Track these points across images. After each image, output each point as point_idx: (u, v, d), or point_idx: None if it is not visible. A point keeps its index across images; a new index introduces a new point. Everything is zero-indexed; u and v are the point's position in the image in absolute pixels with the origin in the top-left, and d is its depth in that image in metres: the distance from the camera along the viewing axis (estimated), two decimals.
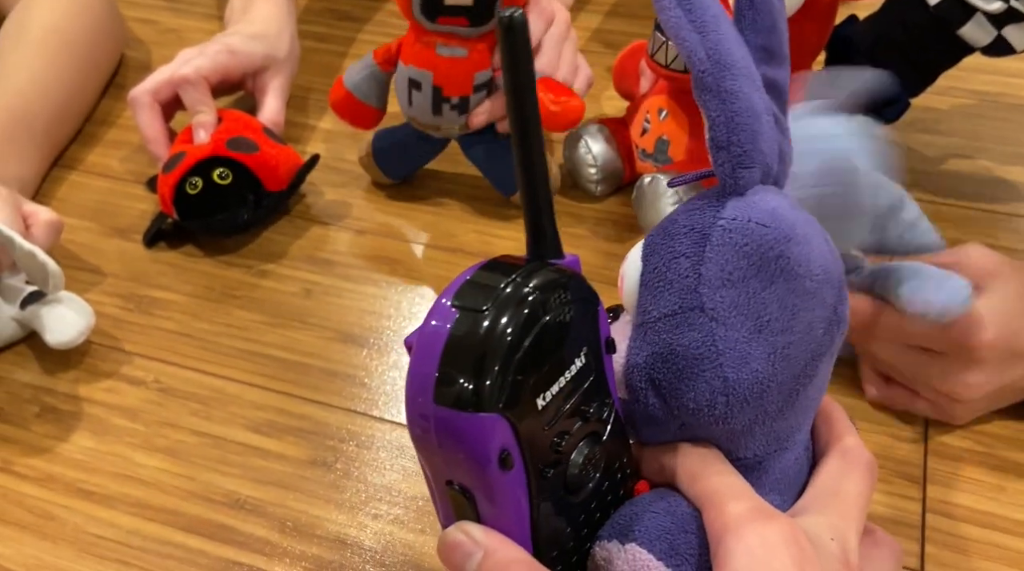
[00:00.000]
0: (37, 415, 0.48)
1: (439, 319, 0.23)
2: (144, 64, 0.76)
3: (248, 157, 0.57)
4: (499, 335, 0.22)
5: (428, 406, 0.23)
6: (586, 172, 0.61)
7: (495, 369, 0.22)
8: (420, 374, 0.23)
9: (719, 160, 0.26)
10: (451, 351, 0.23)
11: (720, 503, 0.26)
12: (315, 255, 0.58)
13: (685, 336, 0.26)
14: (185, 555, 0.42)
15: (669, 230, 0.27)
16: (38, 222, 0.53)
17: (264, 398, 0.49)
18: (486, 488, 0.23)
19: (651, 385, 0.27)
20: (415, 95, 0.56)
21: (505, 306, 0.23)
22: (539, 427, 0.24)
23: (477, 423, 0.22)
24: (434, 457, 0.24)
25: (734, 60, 0.25)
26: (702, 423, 0.27)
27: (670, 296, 0.26)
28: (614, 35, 0.79)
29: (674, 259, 0.26)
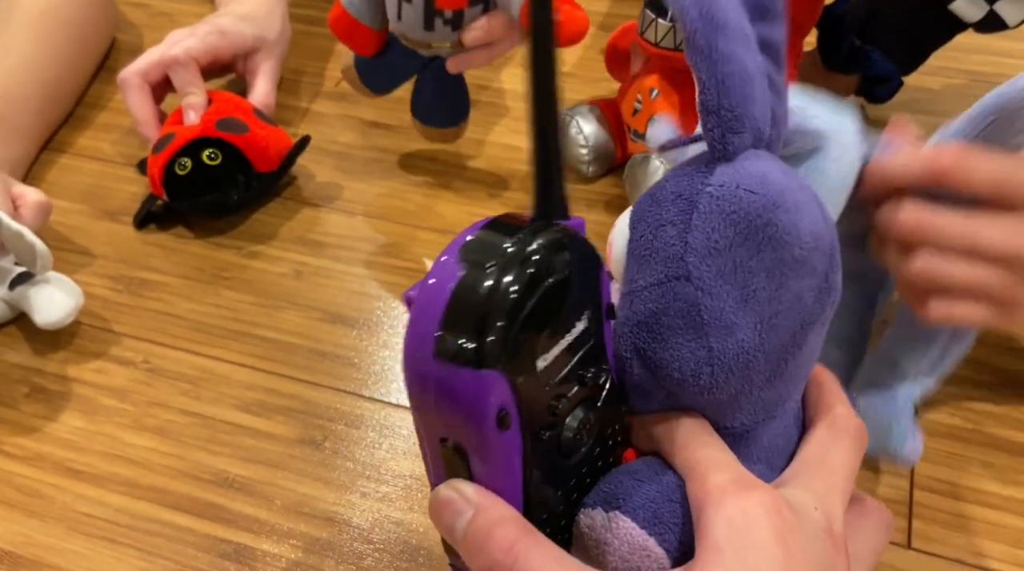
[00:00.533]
0: (26, 395, 0.48)
1: (442, 275, 0.23)
2: (136, 47, 0.76)
3: (238, 138, 0.56)
4: (503, 293, 0.22)
5: (427, 361, 0.22)
6: (577, 153, 0.60)
7: (498, 326, 0.22)
8: (420, 329, 0.23)
9: (708, 124, 0.25)
10: (453, 307, 0.22)
11: (703, 473, 0.25)
12: (305, 236, 0.58)
13: (670, 306, 0.26)
14: (174, 533, 0.42)
15: (656, 197, 0.27)
16: (26, 203, 0.53)
17: (253, 378, 0.49)
18: (481, 447, 0.23)
19: (636, 354, 0.27)
20: (405, 8, 0.53)
21: (510, 264, 0.22)
22: (538, 388, 0.24)
23: (477, 380, 0.22)
24: (429, 414, 0.23)
25: (727, 19, 0.25)
26: (687, 393, 0.26)
27: (656, 265, 0.26)
28: (607, 17, 0.79)
29: (661, 227, 0.26)
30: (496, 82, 0.71)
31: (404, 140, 0.64)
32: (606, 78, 0.71)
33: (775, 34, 0.28)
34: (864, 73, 0.60)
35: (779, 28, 0.28)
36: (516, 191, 0.61)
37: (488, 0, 0.54)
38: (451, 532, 0.24)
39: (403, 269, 0.56)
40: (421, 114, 0.61)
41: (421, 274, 0.54)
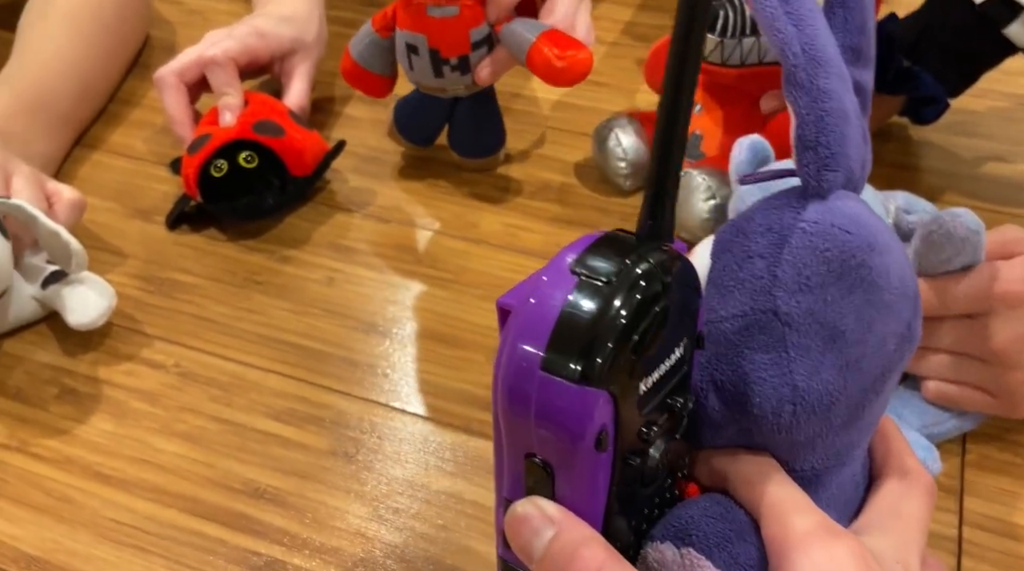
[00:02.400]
0: (56, 396, 0.48)
1: (558, 283, 0.22)
2: (169, 44, 0.76)
3: (274, 141, 0.56)
4: (618, 311, 0.22)
5: (532, 373, 0.22)
6: (615, 166, 0.60)
7: (610, 345, 0.21)
8: (528, 336, 0.22)
9: (805, 160, 0.25)
10: (567, 319, 0.22)
11: (783, 515, 0.25)
12: (338, 242, 0.57)
13: (755, 339, 0.25)
14: (203, 543, 0.41)
15: (744, 228, 0.26)
16: (61, 201, 0.53)
17: (285, 386, 0.48)
18: (572, 466, 0.23)
19: (713, 386, 0.26)
20: (414, 59, 0.55)
21: (628, 282, 0.22)
22: (635, 413, 0.23)
23: (584, 396, 0.21)
24: (523, 426, 0.23)
25: (828, 57, 0.24)
26: (764, 430, 0.26)
27: (741, 296, 0.25)
28: (645, 28, 0.78)
29: (748, 258, 0.25)
30: (528, 90, 0.71)
31: (438, 148, 0.63)
32: (642, 89, 0.70)
33: (865, 78, 0.28)
34: (911, 94, 0.59)
35: (869, 73, 0.28)
36: (551, 202, 0.60)
37: (491, 40, 0.56)
38: (528, 550, 0.24)
39: (437, 279, 0.55)
40: (458, 146, 0.62)
41: (455, 285, 0.54)
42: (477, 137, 0.61)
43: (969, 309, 0.41)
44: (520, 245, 0.57)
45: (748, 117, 0.56)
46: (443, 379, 0.49)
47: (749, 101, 0.56)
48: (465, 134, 0.61)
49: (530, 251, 0.57)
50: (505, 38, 0.55)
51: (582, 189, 0.62)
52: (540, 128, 0.67)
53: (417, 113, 0.61)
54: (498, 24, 0.55)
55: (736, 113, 0.56)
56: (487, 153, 0.62)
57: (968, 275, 0.41)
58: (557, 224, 0.59)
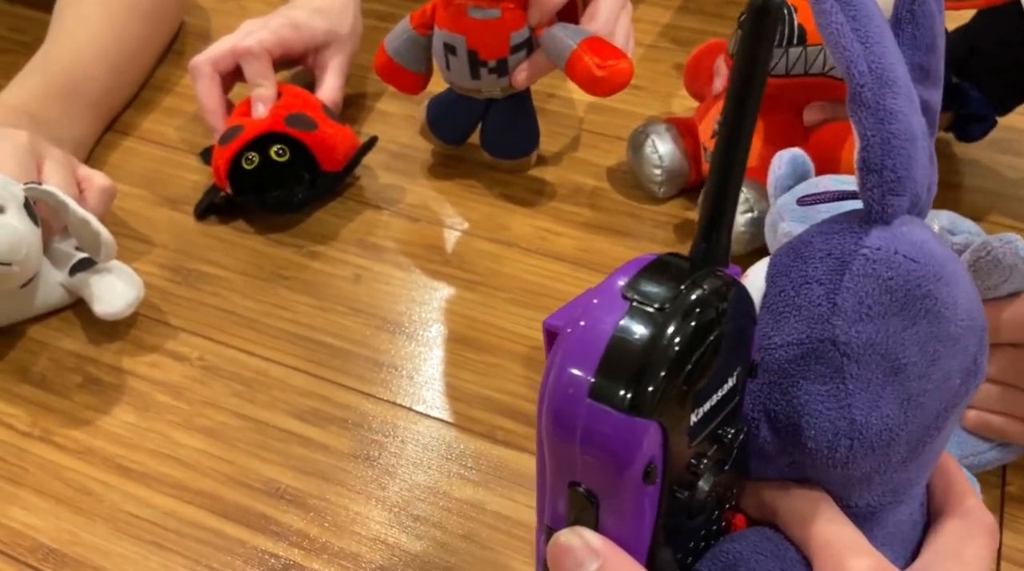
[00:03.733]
0: (79, 385, 0.48)
1: (609, 308, 0.21)
2: (204, 31, 0.75)
3: (306, 135, 0.55)
4: (672, 339, 0.21)
5: (579, 400, 0.21)
6: (650, 172, 0.58)
7: (661, 376, 0.21)
8: (576, 362, 0.21)
9: (869, 183, 0.24)
10: (618, 345, 0.21)
11: (838, 556, 0.24)
12: (366, 239, 0.57)
13: (811, 369, 0.24)
14: (222, 543, 0.41)
15: (801, 252, 0.25)
16: (92, 187, 0.52)
17: (308, 384, 0.48)
18: (618, 497, 0.22)
19: (765, 416, 0.25)
20: (451, 60, 0.55)
21: (682, 309, 0.21)
22: (684, 444, 0.22)
23: (632, 427, 0.21)
24: (568, 454, 0.22)
25: (896, 77, 0.23)
26: (818, 464, 0.25)
27: (797, 323, 0.24)
28: (684, 32, 0.77)
29: (806, 284, 0.24)
30: (563, 91, 0.70)
31: (470, 147, 0.63)
32: (679, 94, 0.68)
33: (934, 98, 0.26)
34: (959, 111, 0.58)
35: (937, 93, 0.27)
36: (582, 206, 0.59)
37: (530, 44, 0.55)
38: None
39: (465, 281, 0.54)
40: (491, 147, 0.61)
41: (483, 288, 0.53)
42: (510, 138, 0.61)
43: (1015, 338, 0.40)
44: (551, 249, 0.56)
45: (790, 129, 0.54)
46: (469, 384, 0.48)
47: (791, 112, 0.54)
48: (498, 135, 0.60)
49: (560, 256, 0.56)
50: (545, 43, 0.54)
51: (615, 194, 0.60)
52: (574, 130, 0.66)
53: (450, 112, 0.60)
54: (539, 28, 0.54)
55: (777, 124, 0.55)
56: (520, 154, 0.61)
57: (1015, 302, 0.40)
58: (588, 229, 0.58)
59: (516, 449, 0.45)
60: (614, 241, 0.57)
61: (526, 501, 0.42)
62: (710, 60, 0.60)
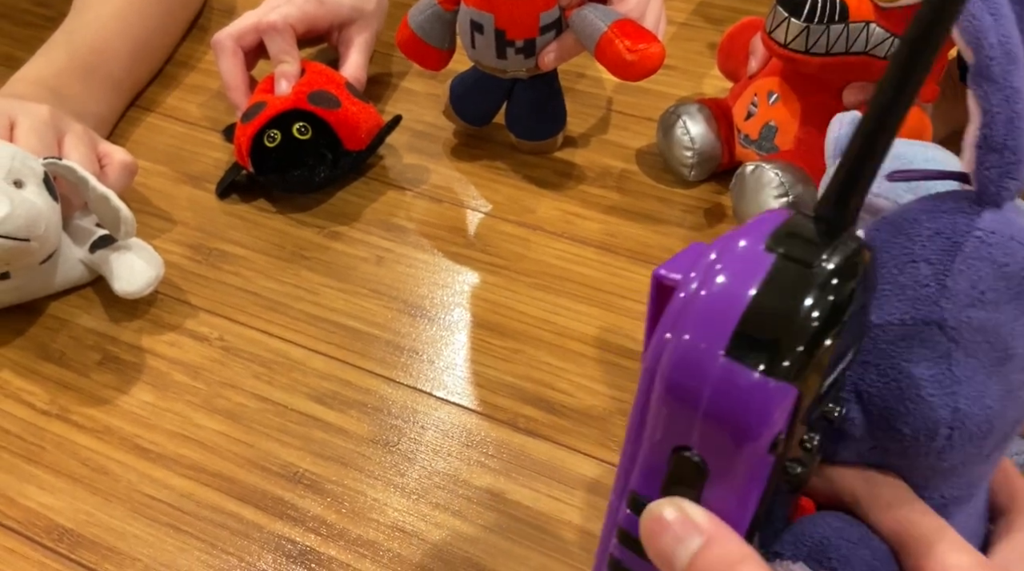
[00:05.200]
0: (99, 363, 0.47)
1: (747, 260, 0.19)
2: (228, 6, 0.74)
3: (329, 113, 0.54)
4: (822, 301, 0.19)
5: (713, 356, 0.19)
6: (681, 155, 0.57)
7: (809, 337, 0.19)
8: (711, 316, 0.19)
9: (987, 163, 0.22)
10: (764, 301, 0.19)
11: (935, 550, 0.22)
12: (389, 221, 0.56)
13: (913, 351, 0.23)
14: (238, 526, 0.40)
15: (905, 229, 0.23)
16: (112, 163, 0.52)
17: (329, 367, 0.47)
18: (735, 467, 0.20)
19: (857, 398, 0.23)
20: (478, 38, 0.53)
21: (834, 270, 0.19)
22: (806, 416, 0.21)
23: (771, 390, 0.19)
24: (682, 415, 0.20)
25: (1019, 55, 0.22)
26: (908, 452, 0.23)
27: (900, 303, 0.23)
28: (717, 9, 0.74)
29: (912, 262, 0.23)
30: (592, 70, 0.68)
31: (495, 128, 0.61)
32: (712, 74, 0.66)
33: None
34: None
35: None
36: (610, 190, 0.58)
37: (559, 24, 0.53)
38: (668, 558, 0.21)
39: (489, 264, 0.53)
40: (516, 128, 0.60)
41: (507, 272, 0.52)
42: (536, 119, 0.59)
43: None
44: (577, 233, 0.55)
45: (828, 110, 0.52)
46: (491, 370, 0.47)
47: (830, 93, 0.52)
48: (524, 115, 0.59)
49: (587, 240, 0.54)
50: (575, 24, 0.52)
51: (643, 177, 0.59)
52: (603, 111, 0.64)
53: (474, 91, 0.59)
54: (569, 8, 0.52)
55: (815, 105, 0.52)
56: (546, 136, 0.60)
57: None
58: (616, 213, 0.56)
59: (538, 438, 0.44)
60: (642, 226, 0.55)
61: (548, 491, 0.41)
62: (745, 39, 0.58)
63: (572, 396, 0.46)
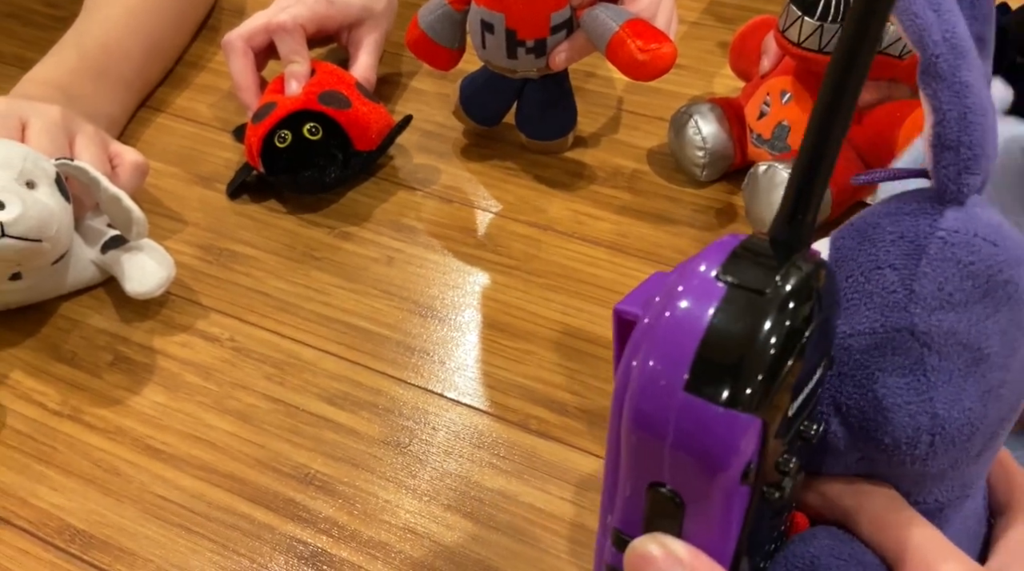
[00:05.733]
0: (110, 364, 0.47)
1: (700, 292, 0.20)
2: (238, 7, 0.74)
3: (340, 113, 0.54)
4: (777, 327, 0.19)
5: (672, 392, 0.19)
6: (692, 154, 0.56)
7: (768, 365, 0.19)
8: (668, 352, 0.19)
9: (944, 161, 0.22)
10: (717, 333, 0.19)
11: (928, 562, 0.22)
12: (399, 221, 0.56)
13: (887, 360, 0.22)
14: (250, 527, 0.40)
15: (868, 235, 0.23)
16: (124, 163, 0.52)
17: (339, 368, 0.47)
18: (709, 499, 0.20)
19: (836, 410, 0.23)
20: (488, 38, 0.53)
21: (784, 294, 0.19)
22: (778, 441, 0.21)
23: (733, 422, 0.19)
24: (651, 451, 0.20)
25: (967, 48, 0.22)
26: (893, 461, 0.23)
27: (869, 311, 0.23)
28: (728, 9, 0.74)
29: (877, 269, 0.23)
30: (603, 69, 0.67)
31: (504, 128, 0.61)
32: (723, 73, 0.66)
33: (988, 72, 0.24)
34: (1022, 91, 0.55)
35: (990, 66, 0.25)
36: (621, 190, 0.58)
37: (571, 24, 0.53)
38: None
39: (500, 265, 0.53)
40: (526, 128, 0.59)
41: (519, 272, 0.52)
42: (546, 119, 0.59)
43: None
44: (588, 233, 0.55)
45: None
46: (502, 371, 0.47)
47: None
48: (534, 115, 0.59)
49: (598, 240, 0.54)
50: (586, 23, 0.52)
51: (655, 177, 0.59)
52: (613, 111, 0.64)
53: (484, 92, 0.58)
54: (580, 8, 0.52)
55: None
56: (556, 135, 0.59)
57: None
58: (627, 213, 0.56)
59: (550, 439, 0.43)
60: (654, 226, 0.55)
61: (559, 493, 0.41)
62: (757, 38, 0.58)
63: (583, 397, 0.45)
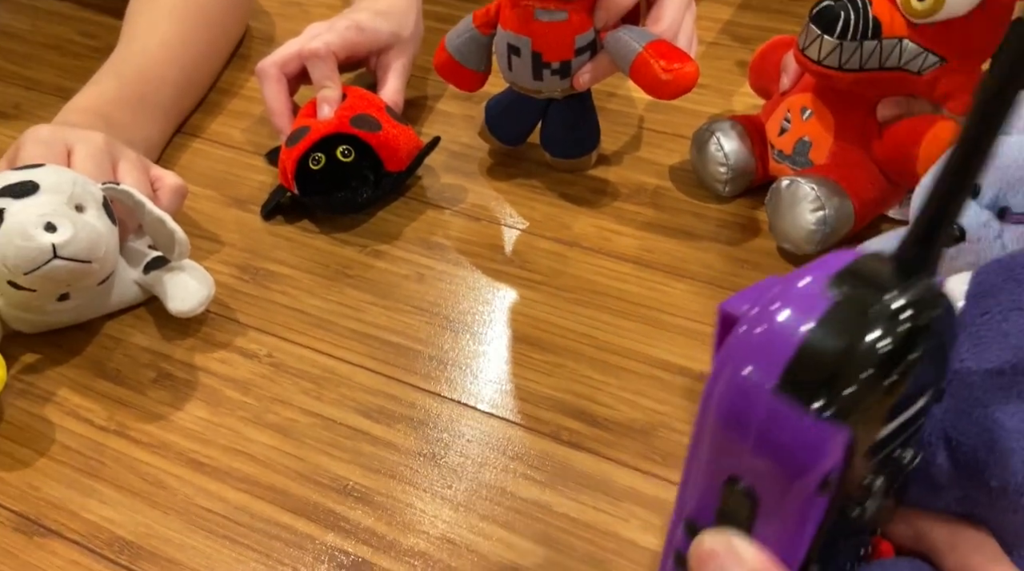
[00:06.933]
0: (153, 381, 0.49)
1: (805, 300, 0.20)
2: (268, 35, 0.77)
3: (371, 135, 0.56)
4: (879, 342, 0.19)
5: (763, 390, 0.19)
6: (715, 171, 0.58)
7: (863, 378, 0.19)
8: (762, 354, 0.20)
9: None
10: (816, 340, 0.19)
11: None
12: (429, 239, 0.57)
13: (1010, 402, 0.22)
14: (292, 538, 0.41)
15: (1016, 275, 0.23)
16: (164, 186, 0.53)
17: (375, 382, 0.48)
18: (784, 503, 0.20)
19: (946, 444, 0.23)
20: (515, 61, 0.55)
21: (891, 311, 0.19)
22: (866, 459, 0.21)
23: (819, 430, 0.19)
24: (734, 446, 0.20)
25: None
26: (997, 504, 0.23)
27: (1000, 351, 0.23)
28: (745, 29, 0.75)
29: (1017, 310, 0.23)
30: (624, 89, 0.69)
31: (529, 147, 0.62)
32: (743, 91, 0.67)
33: None
34: None
35: None
36: (644, 206, 0.59)
37: (594, 46, 0.54)
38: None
39: (527, 280, 0.54)
40: (550, 146, 0.61)
41: (546, 287, 0.53)
42: (570, 137, 0.60)
43: None
44: (613, 249, 0.56)
45: (862, 125, 0.53)
46: (533, 384, 0.48)
47: (865, 108, 0.53)
48: (558, 134, 0.60)
49: (623, 256, 0.55)
50: (610, 45, 0.53)
51: (678, 194, 0.60)
52: (635, 129, 0.65)
53: (509, 112, 0.60)
54: (604, 30, 0.53)
55: (849, 120, 0.53)
56: (580, 154, 0.61)
57: None
58: (651, 229, 0.57)
59: (582, 450, 0.44)
60: (678, 241, 0.56)
61: (593, 503, 0.42)
62: (777, 56, 0.59)
63: (614, 409, 0.46)
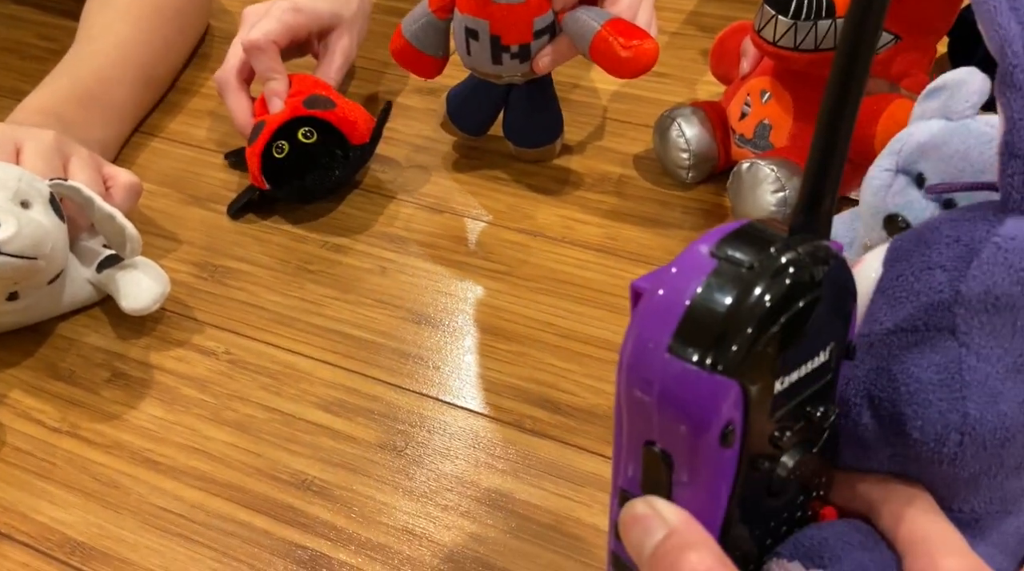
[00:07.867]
0: (107, 380, 0.48)
1: (693, 265, 0.21)
2: (230, 35, 0.75)
3: (328, 113, 0.55)
4: (759, 297, 0.20)
5: (658, 355, 0.21)
6: (677, 157, 0.57)
7: (747, 332, 0.20)
8: (657, 318, 0.21)
9: (1010, 169, 0.23)
10: (702, 301, 0.20)
11: (930, 554, 0.22)
12: (391, 232, 0.56)
13: (924, 356, 0.23)
14: (249, 535, 0.40)
15: (926, 238, 0.24)
16: (117, 184, 0.52)
17: (335, 376, 0.47)
18: (693, 459, 0.21)
19: (869, 403, 0.24)
20: (473, 45, 0.54)
21: (772, 269, 0.20)
22: (767, 412, 0.22)
23: (712, 384, 0.20)
24: (644, 412, 0.22)
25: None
26: (923, 459, 0.23)
27: (913, 309, 0.23)
28: (709, 18, 0.75)
29: (927, 270, 0.23)
30: (587, 80, 0.69)
31: (492, 139, 0.62)
32: (706, 80, 0.67)
33: None
34: None
35: None
36: (609, 194, 0.58)
37: (553, 29, 0.54)
38: (637, 548, 0.23)
39: (491, 271, 0.53)
40: (513, 135, 0.60)
41: (509, 278, 0.53)
42: (533, 126, 0.60)
43: None
44: (577, 238, 0.55)
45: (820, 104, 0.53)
46: (496, 374, 0.47)
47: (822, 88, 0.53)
48: (521, 123, 0.59)
49: (587, 244, 0.55)
50: (568, 26, 0.53)
51: (641, 182, 0.59)
52: (599, 119, 0.65)
53: (470, 101, 0.59)
54: (562, 12, 0.53)
55: (808, 101, 0.53)
56: (543, 143, 0.60)
57: None
58: (615, 217, 0.57)
59: (545, 438, 0.44)
60: (642, 229, 0.56)
61: (555, 490, 0.42)
62: (736, 42, 0.59)
63: (577, 396, 0.46)
